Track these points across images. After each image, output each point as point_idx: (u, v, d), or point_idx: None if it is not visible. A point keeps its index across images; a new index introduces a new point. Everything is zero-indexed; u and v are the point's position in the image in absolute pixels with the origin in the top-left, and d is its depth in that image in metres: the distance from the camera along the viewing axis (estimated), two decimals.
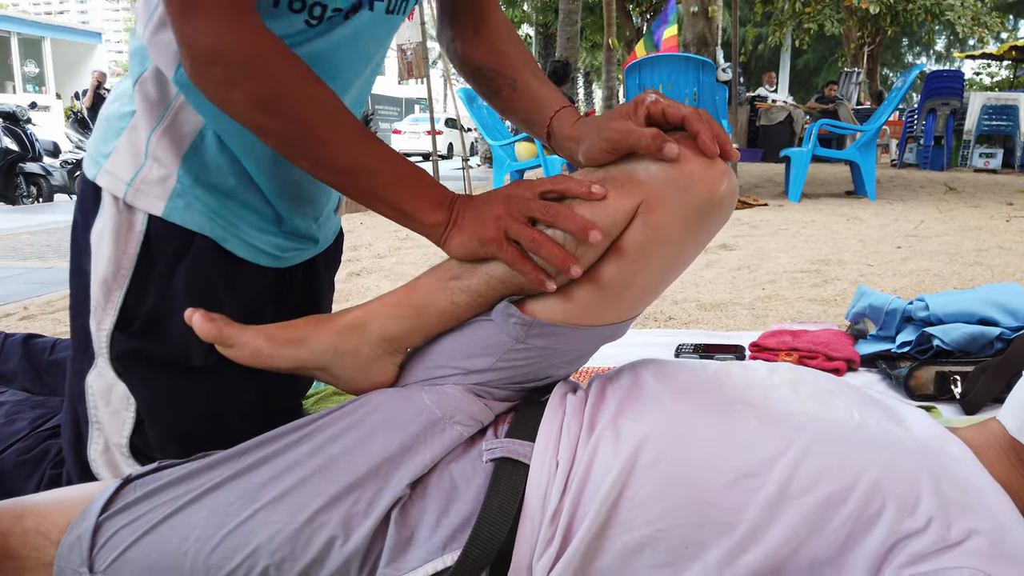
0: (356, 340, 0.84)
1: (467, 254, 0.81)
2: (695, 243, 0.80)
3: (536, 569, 0.72)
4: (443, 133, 16.87)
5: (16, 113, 7.97)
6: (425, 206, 0.82)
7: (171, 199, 0.85)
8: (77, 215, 0.89)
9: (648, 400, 0.78)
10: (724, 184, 0.76)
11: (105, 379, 0.87)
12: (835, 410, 0.80)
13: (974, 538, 0.64)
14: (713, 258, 3.21)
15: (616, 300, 0.81)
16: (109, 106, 0.89)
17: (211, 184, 0.87)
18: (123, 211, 0.85)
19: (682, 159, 0.75)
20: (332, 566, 0.70)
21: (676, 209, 0.76)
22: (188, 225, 0.86)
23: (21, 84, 18.79)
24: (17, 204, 7.79)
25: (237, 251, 0.90)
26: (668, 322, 2.16)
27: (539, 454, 0.75)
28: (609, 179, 0.78)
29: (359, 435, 0.76)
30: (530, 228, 0.78)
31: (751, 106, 11.01)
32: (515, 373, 0.84)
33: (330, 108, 0.78)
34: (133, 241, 0.85)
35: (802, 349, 1.62)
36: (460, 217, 0.82)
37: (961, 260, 3.01)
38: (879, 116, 5.68)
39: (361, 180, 0.81)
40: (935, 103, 9.27)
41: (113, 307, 0.86)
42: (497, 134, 6.35)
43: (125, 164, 0.85)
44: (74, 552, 0.71)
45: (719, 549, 0.69)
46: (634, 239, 0.77)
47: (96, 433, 0.89)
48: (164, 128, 0.85)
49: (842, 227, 4.12)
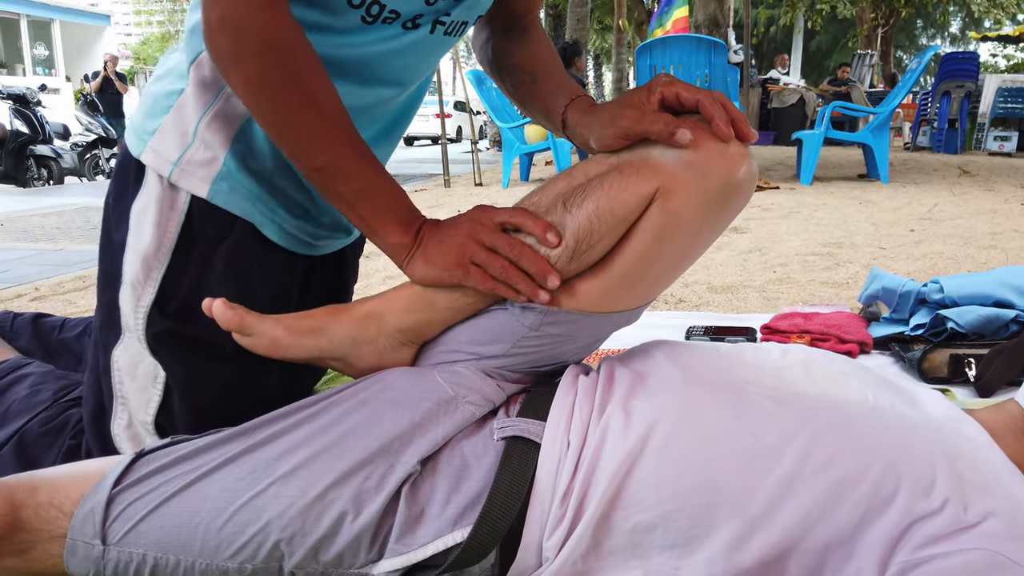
0: (374, 330, 0.84)
1: (428, 281, 0.81)
2: (713, 228, 0.79)
3: (546, 548, 0.72)
4: (452, 116, 16.80)
5: (26, 96, 7.99)
6: (392, 226, 0.82)
7: (215, 182, 0.86)
8: (115, 188, 0.89)
9: (659, 381, 0.78)
10: (743, 167, 0.75)
11: (131, 354, 0.88)
12: (848, 392, 0.79)
13: (991, 519, 0.64)
14: (724, 241, 3.19)
15: (632, 287, 0.81)
16: (156, 83, 0.89)
17: (254, 170, 0.87)
18: (167, 189, 0.86)
19: (699, 143, 0.74)
20: (343, 541, 0.71)
21: (694, 194, 0.75)
22: (231, 208, 0.87)
23: (31, 66, 18.82)
24: (28, 186, 7.83)
25: (273, 237, 0.91)
26: (679, 304, 2.15)
27: (550, 433, 0.75)
28: (624, 164, 0.77)
29: (371, 412, 0.76)
30: (496, 256, 0.77)
31: (763, 88, 10.91)
32: (528, 358, 0.83)
33: (323, 104, 0.78)
34: (175, 220, 0.86)
35: (814, 331, 1.61)
36: (424, 243, 0.81)
37: (975, 243, 2.98)
38: (892, 98, 5.61)
39: (334, 183, 0.81)
40: (949, 85, 9.15)
41: (153, 284, 0.86)
42: (507, 116, 6.32)
43: (171, 143, 0.85)
44: (87, 524, 0.71)
45: (730, 530, 0.68)
46: (651, 225, 0.76)
47: (120, 408, 0.89)
48: (216, 110, 0.85)
49: (854, 210, 4.08)
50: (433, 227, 0.83)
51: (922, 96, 10.21)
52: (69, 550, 0.71)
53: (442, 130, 6.66)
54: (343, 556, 0.71)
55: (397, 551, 0.71)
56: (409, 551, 0.71)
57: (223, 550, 0.70)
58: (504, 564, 0.72)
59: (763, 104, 10.88)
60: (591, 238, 0.76)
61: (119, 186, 0.89)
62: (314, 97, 0.78)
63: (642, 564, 0.71)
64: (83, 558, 0.71)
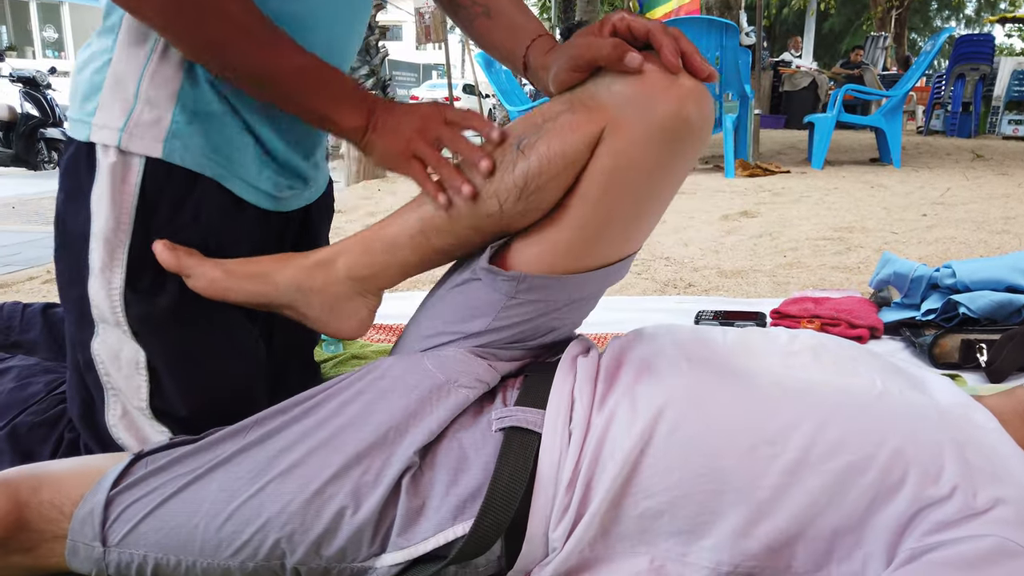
0: (322, 278, 0.83)
1: (384, 164, 0.83)
2: (668, 170, 0.75)
3: (553, 538, 0.72)
4: (461, 99, 16.74)
5: (36, 78, 7.99)
6: (344, 109, 0.82)
7: (168, 140, 0.83)
8: (67, 185, 0.87)
9: (666, 367, 0.77)
10: (691, 102, 0.71)
11: (109, 344, 0.87)
12: (857, 377, 0.78)
13: (1000, 507, 0.63)
14: (734, 225, 3.18)
15: (595, 239, 0.78)
16: (82, 70, 0.87)
17: (205, 121, 0.85)
18: (118, 163, 0.83)
19: (645, 76, 0.70)
20: (344, 536, 0.70)
21: (640, 131, 0.71)
22: (187, 165, 0.84)
23: (40, 49, 18.82)
24: (39, 169, 7.86)
25: (237, 190, 0.88)
26: (688, 289, 2.14)
27: (550, 422, 0.74)
28: (576, 103, 0.74)
29: (364, 404, 0.76)
30: (435, 152, 0.79)
31: (775, 71, 10.81)
32: (516, 331, 0.82)
33: (238, 13, 0.78)
34: (129, 192, 0.83)
35: (824, 316, 1.60)
36: (380, 125, 0.82)
37: (988, 228, 2.95)
38: (906, 82, 5.55)
39: (276, 87, 0.81)
40: (964, 68, 9.04)
41: (120, 264, 0.84)
42: (515, 99, 6.28)
43: (115, 112, 0.83)
44: (86, 526, 0.71)
45: (737, 516, 0.68)
46: (600, 167, 0.73)
47: (113, 399, 0.88)
48: (153, 67, 0.83)
49: (866, 194, 4.05)
50: (387, 109, 0.83)
51: (936, 79, 10.10)
52: (70, 551, 0.72)
53: None
54: (345, 550, 0.71)
55: (399, 544, 0.71)
56: (411, 545, 0.71)
57: (223, 549, 0.70)
58: (510, 555, 0.72)
59: (775, 87, 10.79)
60: (540, 178, 0.74)
61: (72, 181, 0.86)
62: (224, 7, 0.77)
63: (649, 550, 0.71)
64: (84, 559, 0.72)
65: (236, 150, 0.88)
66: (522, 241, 0.79)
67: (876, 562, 0.67)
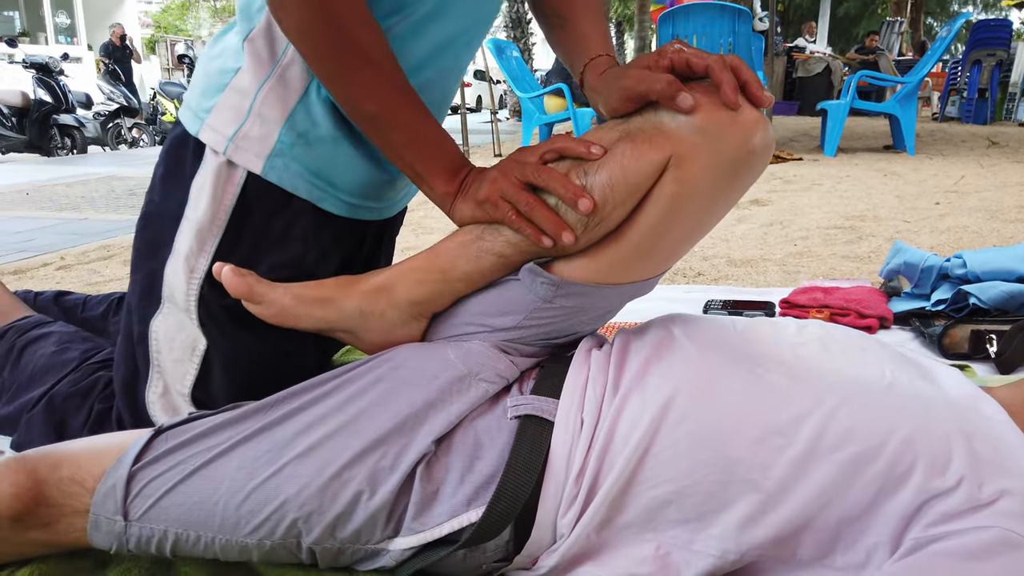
0: (383, 303, 0.84)
1: (467, 219, 0.82)
2: (728, 197, 0.78)
3: (561, 525, 0.73)
4: (472, 85, 16.67)
5: (49, 65, 8.02)
6: (440, 174, 0.83)
7: (269, 158, 0.86)
8: (168, 163, 0.90)
9: (675, 357, 0.77)
10: (759, 134, 0.72)
11: (170, 325, 0.89)
12: (866, 368, 0.78)
13: (1006, 498, 0.64)
14: (745, 213, 3.16)
15: (646, 257, 0.79)
16: (211, 62, 0.90)
17: (312, 142, 0.88)
18: (224, 165, 0.87)
19: (710, 109, 0.71)
20: (359, 520, 0.72)
21: (708, 162, 0.72)
22: (284, 186, 0.88)
23: (53, 35, 18.85)
24: (51, 156, 7.90)
25: (334, 210, 0.92)
26: (697, 278, 2.14)
27: (564, 411, 0.75)
28: (635, 131, 0.74)
29: (385, 390, 0.76)
30: (524, 191, 0.77)
31: (788, 57, 10.70)
32: (541, 331, 0.83)
33: (369, 50, 0.79)
34: (231, 193, 0.87)
35: (833, 306, 1.60)
36: (468, 188, 0.82)
37: (1002, 217, 2.93)
38: (921, 67, 5.49)
39: (383, 131, 0.82)
40: (980, 54, 8.92)
41: (207, 256, 0.87)
42: (526, 86, 6.26)
43: (227, 119, 0.86)
44: (109, 500, 0.72)
45: (745, 506, 0.69)
46: (664, 194, 0.74)
47: (156, 376, 0.91)
48: (271, 85, 0.86)
49: (879, 182, 4.02)
50: (479, 172, 0.83)
51: (952, 65, 9.97)
52: (92, 525, 0.73)
53: (462, 99, 6.61)
54: (360, 533, 0.72)
55: (413, 529, 0.72)
56: (425, 530, 0.72)
57: (242, 527, 0.72)
58: (519, 541, 0.73)
59: (788, 73, 10.68)
60: (604, 209, 0.75)
61: (174, 161, 0.90)
62: (359, 43, 0.78)
63: (655, 537, 0.72)
64: (106, 533, 0.73)
65: (339, 173, 0.90)
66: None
67: (881, 552, 0.67)
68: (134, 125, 9.25)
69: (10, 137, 7.75)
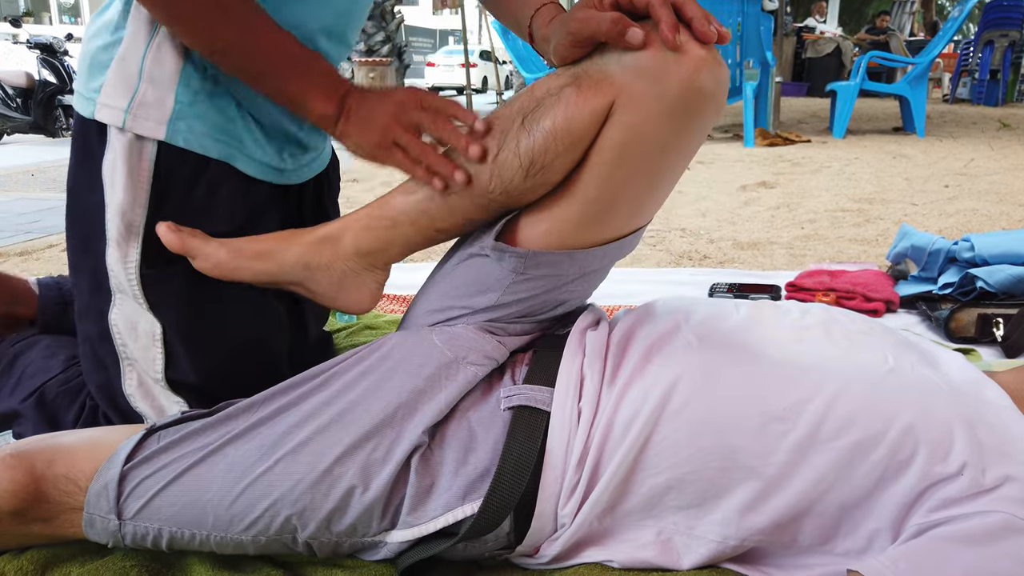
0: (329, 254, 0.83)
1: (361, 154, 0.81)
2: (681, 142, 0.73)
3: (562, 515, 0.73)
4: (477, 66, 16.56)
5: (53, 45, 7.99)
6: (315, 93, 0.80)
7: (171, 122, 0.84)
8: (77, 154, 0.88)
9: (677, 344, 0.77)
10: (704, 72, 0.67)
11: (127, 314, 0.87)
12: (868, 353, 0.78)
13: (1009, 484, 0.63)
14: (752, 196, 3.14)
15: (605, 213, 0.76)
16: (90, 42, 0.87)
17: (208, 97, 0.85)
18: (131, 140, 0.84)
19: (651, 47, 0.67)
20: (354, 514, 0.71)
21: (651, 105, 0.68)
22: (193, 148, 0.85)
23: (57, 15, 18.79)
24: (57, 137, 7.90)
25: (247, 170, 0.89)
26: (703, 261, 2.13)
27: (559, 400, 0.74)
28: (581, 77, 0.71)
29: (372, 382, 0.76)
30: (417, 139, 0.76)
31: (798, 37, 10.60)
32: (524, 305, 0.81)
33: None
34: (146, 168, 0.84)
35: (840, 289, 1.59)
36: (353, 113, 0.80)
37: (1011, 200, 2.90)
38: (932, 48, 5.43)
39: (243, 63, 0.79)
40: (993, 34, 8.81)
41: (137, 237, 0.85)
42: (532, 66, 6.21)
43: (119, 92, 0.83)
44: (102, 500, 0.72)
45: (746, 492, 0.69)
46: (611, 142, 0.71)
47: (128, 368, 0.89)
48: (157, 44, 0.83)
49: (888, 165, 3.99)
50: (360, 97, 0.81)
51: (964, 45, 9.86)
52: (87, 523, 0.73)
53: (467, 80, 6.58)
54: (356, 526, 0.72)
55: (409, 523, 0.72)
56: (420, 523, 0.72)
57: (236, 524, 0.72)
58: (519, 531, 0.73)
59: (798, 54, 10.59)
60: (546, 156, 0.72)
61: (82, 151, 0.87)
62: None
63: (656, 523, 0.72)
64: (101, 531, 0.73)
65: (238, 128, 0.87)
66: (530, 216, 0.77)
67: (882, 537, 0.67)
68: None
69: (15, 118, 7.74)
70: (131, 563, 0.76)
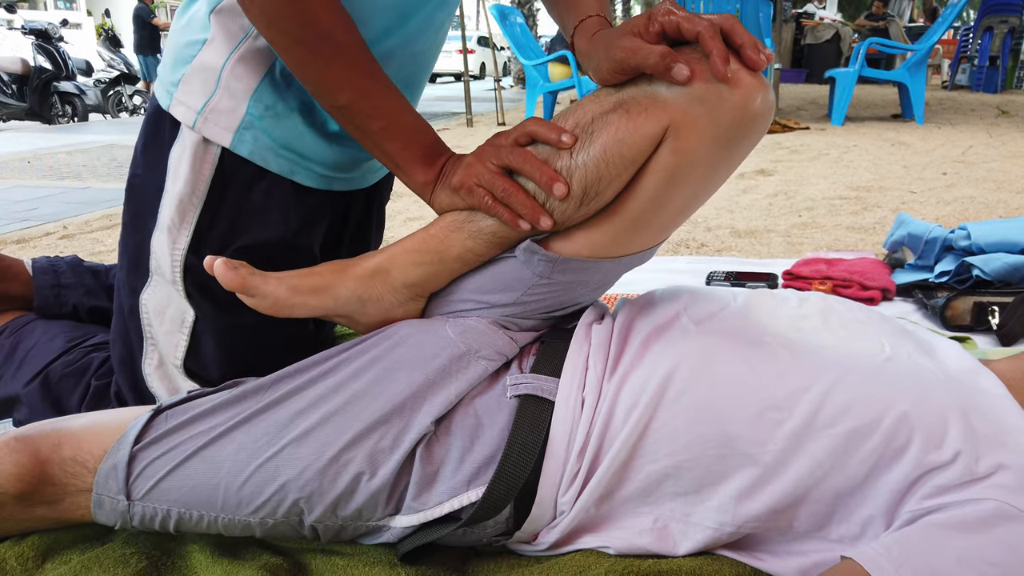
0: (380, 287, 0.83)
1: (446, 207, 0.81)
2: (728, 164, 0.74)
3: (561, 503, 0.73)
4: (475, 52, 16.48)
5: (48, 31, 7.94)
6: (418, 163, 0.82)
7: (239, 131, 0.86)
8: (146, 135, 0.90)
9: (675, 333, 0.77)
10: (757, 99, 0.69)
11: (159, 297, 0.89)
12: (865, 341, 0.78)
13: (1002, 472, 0.64)
14: (750, 184, 3.14)
15: (643, 229, 0.78)
16: (178, 34, 0.89)
17: (279, 114, 0.87)
18: (200, 140, 0.86)
19: (705, 76, 0.68)
20: (360, 499, 0.72)
21: (706, 131, 0.69)
22: (254, 159, 0.87)
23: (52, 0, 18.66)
24: (52, 123, 7.86)
25: (307, 182, 0.91)
26: (701, 249, 2.14)
27: (564, 391, 0.75)
28: (629, 101, 0.72)
29: (383, 370, 0.76)
30: (500, 176, 0.75)
31: (797, 24, 10.55)
32: (540, 305, 0.82)
33: (338, 37, 0.77)
34: (208, 167, 0.87)
35: (836, 278, 1.60)
36: (446, 177, 0.81)
37: (1009, 188, 2.90)
38: (932, 34, 5.41)
39: (357, 121, 0.81)
40: (992, 20, 8.77)
41: (188, 227, 0.87)
42: (530, 53, 6.19)
43: (196, 92, 0.86)
44: (111, 481, 0.73)
45: (742, 479, 0.69)
46: (663, 166, 0.71)
47: (151, 349, 0.91)
48: (238, 57, 0.85)
49: (886, 152, 3.98)
50: (455, 161, 0.82)
51: (963, 31, 9.82)
52: (96, 503, 0.74)
53: (464, 66, 6.54)
54: (361, 511, 0.73)
55: (413, 508, 0.73)
56: (425, 509, 0.72)
57: (244, 507, 0.72)
58: (519, 518, 0.74)
59: (797, 40, 10.54)
60: (599, 184, 0.72)
61: (151, 134, 0.90)
62: (327, 30, 0.77)
63: (653, 510, 0.73)
64: (109, 511, 0.74)
65: (308, 145, 0.89)
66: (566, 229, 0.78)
67: (876, 524, 0.68)
68: (135, 92, 9.19)
69: (10, 104, 7.70)
70: (131, 550, 0.77)
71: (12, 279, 1.13)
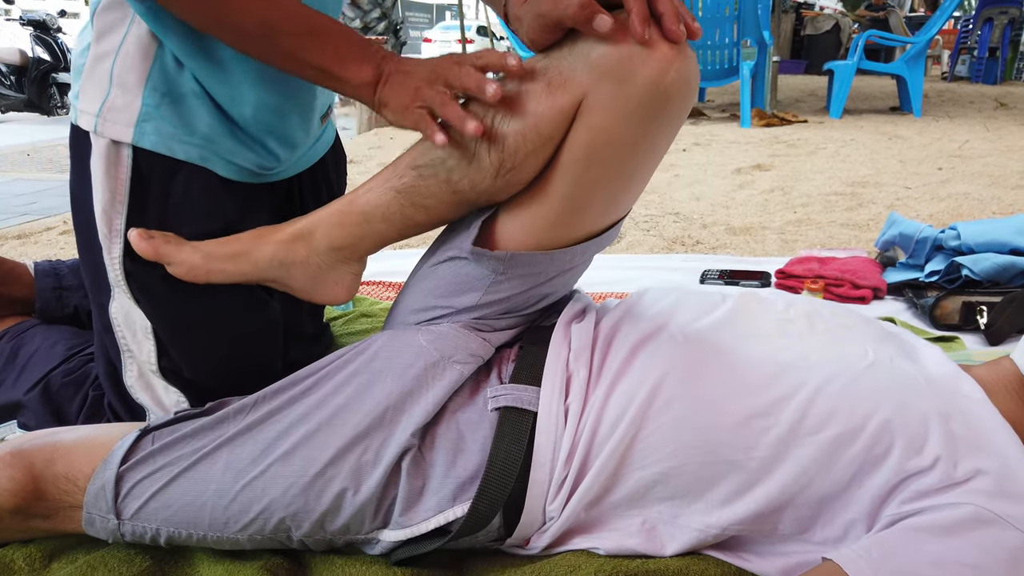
0: (303, 251, 0.83)
1: (397, 119, 0.78)
2: (650, 140, 0.71)
3: (550, 509, 0.75)
4: (474, 42, 16.41)
5: (46, 22, 7.89)
6: (351, 63, 0.77)
7: (138, 124, 0.84)
8: (72, 156, 0.90)
9: (663, 339, 0.78)
10: (671, 71, 0.66)
11: (123, 307, 0.89)
12: (849, 346, 0.80)
13: (979, 477, 0.66)
14: (746, 179, 3.15)
15: (582, 211, 0.76)
16: (76, 47, 0.89)
17: (176, 100, 0.85)
18: (108, 144, 0.85)
19: (619, 42, 0.66)
20: (346, 515, 0.73)
21: (617, 107, 0.67)
22: (160, 150, 0.85)
23: None
24: (52, 115, 7.83)
25: (221, 171, 0.88)
26: (695, 246, 2.15)
27: (545, 400, 0.75)
28: (552, 72, 0.70)
29: (361, 384, 0.77)
30: (440, 91, 0.73)
31: (796, 14, 10.53)
32: (507, 303, 0.81)
33: None
34: (123, 168, 0.85)
35: (828, 276, 1.61)
36: (390, 77, 0.77)
37: (1003, 183, 2.91)
38: (931, 26, 5.40)
39: (275, 42, 0.77)
40: (993, 11, 8.75)
41: (118, 235, 0.87)
42: None
43: (93, 98, 0.85)
44: (100, 500, 0.74)
45: (729, 485, 0.71)
46: (579, 143, 0.70)
47: (129, 360, 0.92)
48: (125, 48, 0.84)
49: (883, 146, 3.99)
50: (397, 61, 0.78)
51: (963, 22, 9.79)
52: (87, 521, 0.75)
53: None
54: (349, 526, 0.74)
55: (401, 524, 0.74)
56: (412, 524, 0.73)
57: (231, 525, 0.74)
58: (509, 525, 0.75)
59: (796, 31, 10.52)
60: (516, 157, 0.71)
61: (73, 153, 0.89)
62: None
63: (642, 513, 0.75)
64: (100, 528, 0.75)
65: (211, 129, 0.87)
66: (505, 216, 0.78)
67: (858, 527, 0.70)
68: None
69: (9, 96, 7.66)
70: (136, 550, 0.79)
71: (15, 282, 1.14)
